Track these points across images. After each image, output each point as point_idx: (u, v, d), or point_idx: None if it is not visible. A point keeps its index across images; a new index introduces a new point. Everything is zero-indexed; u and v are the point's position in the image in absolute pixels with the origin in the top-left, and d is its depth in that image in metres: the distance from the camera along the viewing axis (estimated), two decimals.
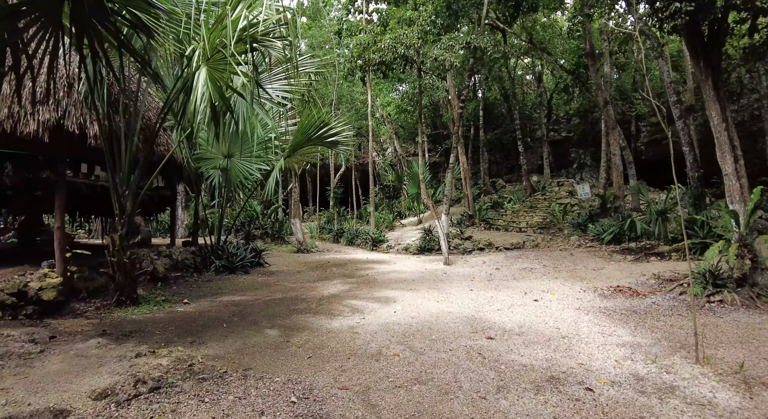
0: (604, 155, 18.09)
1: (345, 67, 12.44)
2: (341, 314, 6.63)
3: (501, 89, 29.96)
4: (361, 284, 9.18)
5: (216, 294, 8.40)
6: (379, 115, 31.72)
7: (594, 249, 13.43)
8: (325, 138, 10.34)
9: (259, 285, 9.37)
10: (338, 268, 11.61)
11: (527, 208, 20.27)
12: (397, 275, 10.25)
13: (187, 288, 9.03)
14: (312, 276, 10.51)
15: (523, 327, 5.96)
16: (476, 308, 6.95)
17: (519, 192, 24.58)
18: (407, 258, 13.82)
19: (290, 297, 7.99)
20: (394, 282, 9.25)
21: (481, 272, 10.35)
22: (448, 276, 9.88)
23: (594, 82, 16.01)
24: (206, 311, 7.03)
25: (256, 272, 11.13)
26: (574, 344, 5.24)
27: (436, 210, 11.71)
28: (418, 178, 22.03)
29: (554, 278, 9.44)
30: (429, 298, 7.68)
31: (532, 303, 7.24)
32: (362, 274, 10.49)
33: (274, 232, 17.26)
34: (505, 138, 29.57)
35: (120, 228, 7.01)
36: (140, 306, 7.16)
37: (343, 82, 26.79)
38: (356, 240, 18.79)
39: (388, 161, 32.74)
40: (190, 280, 9.97)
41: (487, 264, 11.42)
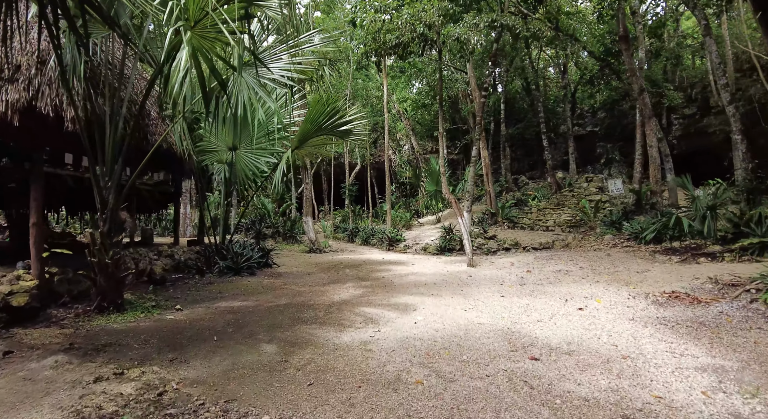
0: (639, 147, 16.79)
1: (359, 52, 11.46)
2: (352, 325, 5.66)
3: (523, 82, 28.69)
4: (377, 288, 8.20)
5: (214, 299, 7.51)
6: (395, 111, 30.75)
7: (632, 249, 12.22)
8: (336, 127, 9.41)
9: (263, 288, 8.46)
10: (352, 270, 10.66)
11: (554, 205, 19.03)
12: (416, 278, 9.24)
13: (184, 292, 8.17)
14: (323, 278, 9.57)
15: (572, 343, 4.90)
16: (512, 319, 5.90)
17: (543, 189, 23.32)
18: (426, 258, 12.79)
19: (296, 303, 7.05)
20: (413, 287, 8.25)
21: (510, 275, 9.27)
22: (474, 280, 8.83)
23: (628, 68, 14.75)
24: (199, 319, 6.13)
25: (263, 273, 10.24)
26: (640, 367, 4.18)
27: (458, 207, 10.67)
28: (436, 174, 20.99)
29: (595, 282, 8.31)
30: (454, 306, 6.66)
31: (577, 313, 6.16)
32: (377, 277, 9.52)
33: (285, 231, 16.41)
34: (528, 133, 28.28)
35: (102, 224, 6.16)
36: (125, 313, 6.29)
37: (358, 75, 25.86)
38: (372, 240, 17.83)
39: (404, 158, 31.72)
40: (189, 283, 9.12)
41: (516, 266, 10.33)
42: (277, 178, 9.35)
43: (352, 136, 9.79)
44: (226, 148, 10.60)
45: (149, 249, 10.14)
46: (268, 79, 7.08)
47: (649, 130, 14.39)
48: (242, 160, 10.55)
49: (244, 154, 10.62)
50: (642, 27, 16.02)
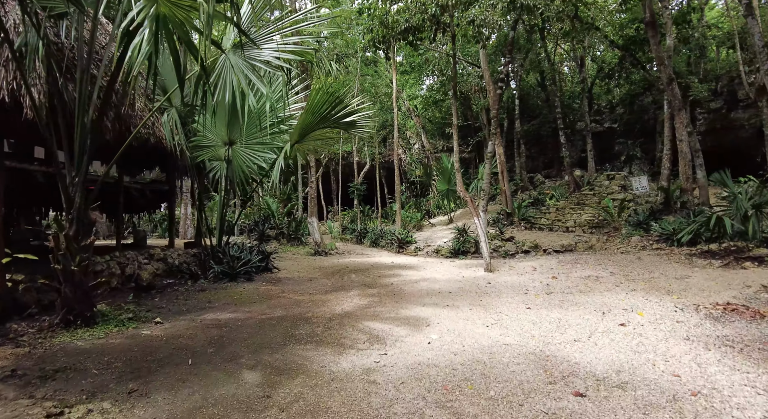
0: (667, 142, 15.70)
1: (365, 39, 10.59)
2: (354, 345, 4.77)
3: (538, 77, 27.61)
4: (384, 297, 7.30)
5: (201, 310, 6.68)
6: (405, 108, 29.85)
7: (663, 251, 11.18)
8: (340, 118, 8.54)
9: (258, 296, 7.61)
10: (358, 275, 9.78)
11: (573, 204, 17.99)
12: (429, 285, 8.33)
13: (171, 301, 7.35)
14: (325, 285, 8.70)
15: (623, 371, 3.97)
16: (543, 337, 4.97)
17: (561, 188, 22.26)
18: (439, 262, 11.86)
19: (292, 315, 6.18)
20: (426, 295, 7.34)
21: (534, 281, 8.32)
22: (494, 288, 7.90)
23: (655, 56, 13.70)
24: (178, 336, 5.30)
25: (261, 279, 9.41)
26: (719, 409, 3.25)
27: (474, 206, 9.75)
28: (449, 172, 20.05)
29: (631, 290, 7.34)
30: (474, 320, 5.74)
31: (619, 330, 5.22)
32: (386, 283, 8.62)
33: (290, 232, 15.60)
34: (544, 129, 27.18)
35: (68, 225, 5.35)
36: (95, 328, 5.49)
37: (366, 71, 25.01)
38: (381, 241, 16.95)
39: (414, 157, 30.81)
40: (180, 289, 8.32)
41: (538, 272, 9.37)
42: (275, 175, 8.52)
43: (357, 129, 8.91)
44: (221, 143, 9.79)
45: (139, 253, 9.36)
46: (260, 61, 6.24)
47: (678, 123, 13.32)
48: (239, 156, 9.73)
49: (242, 149, 9.80)
50: (669, 13, 14.94)
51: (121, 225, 8.90)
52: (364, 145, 32.70)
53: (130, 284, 8.41)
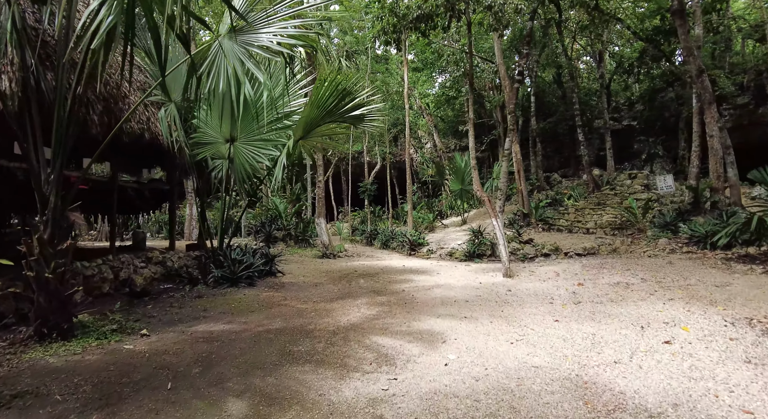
0: (696, 138, 14.85)
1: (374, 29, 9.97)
2: (360, 366, 4.15)
3: (554, 73, 26.75)
4: (395, 306, 6.66)
5: (194, 320, 6.10)
6: (417, 107, 29.20)
7: (695, 255, 10.38)
8: (347, 111, 7.94)
9: (258, 304, 7.02)
10: (367, 280, 9.15)
11: (593, 205, 17.18)
12: (444, 292, 7.67)
13: (164, 308, 6.80)
14: (331, 291, 8.08)
15: (680, 405, 3.31)
16: (578, 358, 4.30)
17: (579, 187, 21.42)
18: (453, 266, 11.18)
19: (292, 327, 5.58)
20: (441, 305, 6.68)
21: (558, 289, 7.62)
22: (515, 296, 7.21)
23: (683, 47, 12.86)
24: (162, 351, 4.72)
25: (264, 284, 8.83)
26: None
27: (493, 206, 9.07)
28: (462, 171, 19.36)
29: (668, 300, 6.61)
30: (496, 335, 5.08)
31: (665, 349, 4.52)
32: (397, 290, 7.98)
33: (297, 234, 15.04)
34: (560, 127, 26.32)
35: (42, 228, 4.81)
36: (73, 341, 4.94)
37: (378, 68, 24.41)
38: (391, 243, 16.31)
39: (427, 156, 30.14)
40: (176, 295, 7.77)
41: (562, 278, 8.66)
42: (278, 173, 7.94)
43: (366, 123, 8.29)
44: (222, 140, 9.25)
45: (135, 256, 8.85)
46: (258, 46, 5.65)
47: (709, 118, 12.49)
48: (241, 153, 9.17)
49: (244, 146, 9.24)
50: (698, 1, 14.09)
51: (114, 226, 8.40)
52: (374, 145, 32.12)
53: (123, 289, 7.90)
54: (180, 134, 8.44)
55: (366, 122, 8.24)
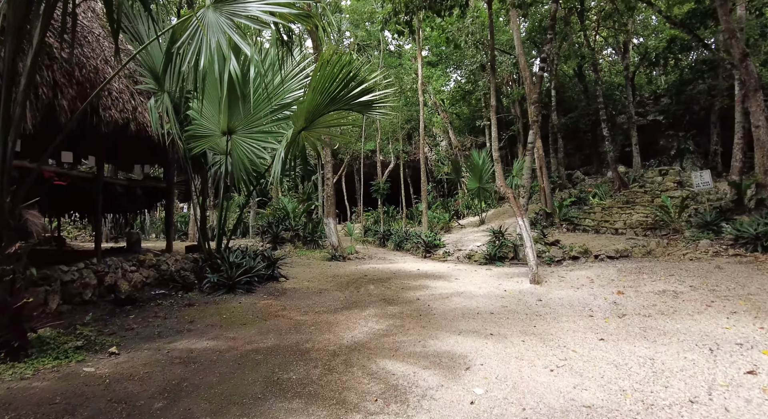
0: (739, 129, 13.65)
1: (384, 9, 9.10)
2: (361, 404, 3.27)
3: (575, 67, 25.54)
4: (408, 319, 5.76)
5: (177, 334, 5.29)
6: (431, 103, 28.24)
7: (745, 258, 9.29)
8: (354, 97, 7.06)
9: (253, 315, 6.19)
10: (377, 286, 8.26)
11: (621, 203, 16.04)
12: (464, 302, 6.74)
13: (146, 319, 6.01)
14: (337, 299, 7.20)
15: None
16: (640, 394, 3.36)
17: (604, 185, 20.24)
18: (473, 270, 10.22)
19: (286, 346, 4.72)
20: (462, 318, 5.76)
21: (595, 298, 6.64)
22: (548, 307, 6.26)
23: (725, 29, 11.69)
24: (127, 376, 3.91)
25: (264, 290, 8.00)
26: None
27: (518, 205, 8.11)
28: (480, 169, 18.37)
29: (731, 313, 5.59)
30: (532, 359, 4.15)
31: (750, 382, 3.56)
32: (410, 298, 7.07)
33: (306, 235, 14.24)
34: (582, 122, 25.12)
35: None
36: (26, 362, 4.16)
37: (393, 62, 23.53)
38: (405, 245, 15.41)
39: (442, 154, 29.15)
40: (164, 303, 6.99)
41: (597, 284, 7.66)
42: (276, 168, 7.10)
43: (375, 110, 7.41)
44: (219, 132, 8.47)
45: (125, 259, 8.11)
46: (245, 17, 4.83)
47: (755, 107, 11.32)
48: (240, 147, 8.38)
49: (243, 139, 8.45)
50: None
51: (99, 226, 7.66)
52: (387, 143, 31.26)
53: (109, 296, 7.15)
54: (173, 126, 7.68)
55: (376, 109, 7.36)
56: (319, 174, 20.93)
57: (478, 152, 19.50)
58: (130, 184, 8.56)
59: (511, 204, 8.21)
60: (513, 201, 8.12)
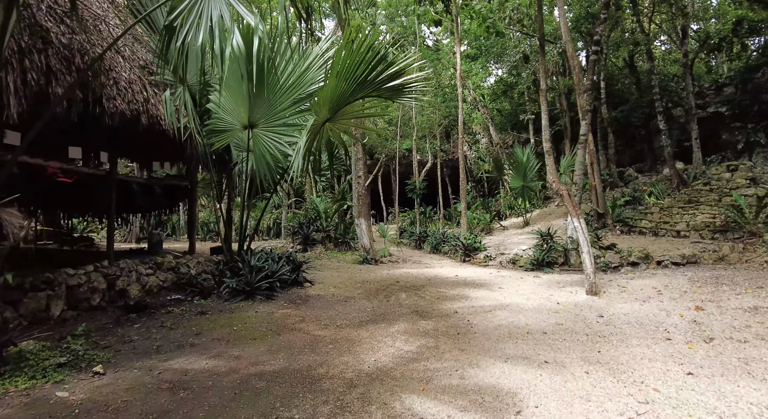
0: None
1: None
2: None
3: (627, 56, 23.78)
4: (443, 338, 4.88)
5: (176, 350, 4.64)
6: (471, 98, 27.08)
7: None
8: (382, 82, 6.25)
9: (267, 327, 5.48)
10: (410, 295, 7.40)
11: (683, 203, 14.50)
12: (510, 316, 5.78)
13: (149, 330, 5.41)
14: (363, 309, 6.39)
15: None
16: None
17: (660, 183, 18.60)
18: (518, 277, 9.18)
19: (295, 370, 3.96)
20: (508, 338, 4.83)
21: (668, 315, 5.54)
22: (612, 325, 5.23)
23: None
24: (101, 405, 3.26)
25: (286, 297, 7.31)
26: None
27: (573, 203, 7.05)
28: (524, 166, 17.18)
29: None
30: (601, 403, 3.20)
31: None
32: (447, 311, 6.17)
33: (338, 236, 13.56)
34: (634, 116, 23.34)
35: None
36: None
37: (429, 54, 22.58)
38: (443, 247, 14.47)
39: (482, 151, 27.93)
40: (176, 311, 6.41)
41: (668, 297, 6.51)
42: (297, 163, 6.37)
43: (406, 96, 6.57)
44: (240, 126, 7.86)
45: (142, 261, 7.63)
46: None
47: None
48: (261, 141, 7.74)
49: (265, 133, 7.81)
50: None
51: (112, 226, 7.20)
52: (425, 142, 30.31)
53: (120, 301, 6.66)
54: (191, 121, 7.14)
55: (407, 95, 6.52)
56: (353, 173, 20.29)
57: (522, 148, 18.28)
58: (147, 182, 8.09)
59: (566, 203, 7.15)
60: (568, 199, 7.06)
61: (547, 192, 19.58)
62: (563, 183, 19.27)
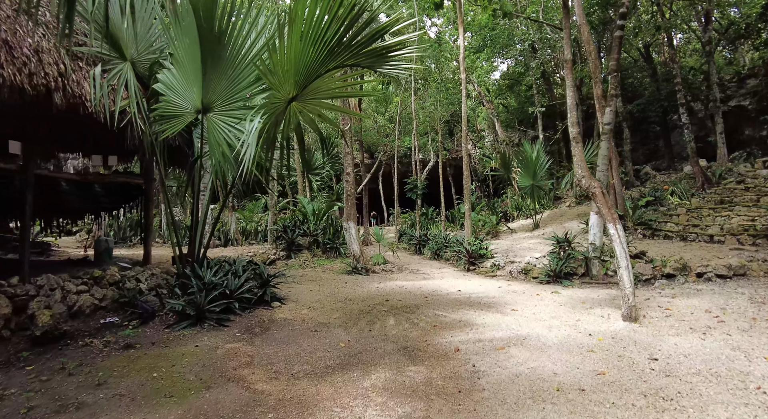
0: None
1: None
2: None
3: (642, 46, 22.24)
4: (437, 402, 3.38)
5: (50, 415, 3.19)
6: (476, 93, 25.58)
7: None
8: (361, 45, 4.78)
9: (196, 375, 4.00)
10: (399, 320, 5.90)
11: (713, 204, 12.99)
12: (530, 359, 4.26)
13: (39, 377, 3.96)
14: (335, 345, 4.87)
15: None
16: None
17: (682, 182, 17.03)
18: (533, 292, 7.65)
19: None
20: (530, 400, 3.32)
21: (749, 360, 4.02)
22: (674, 376, 3.72)
23: None
24: None
25: (243, 323, 5.84)
26: None
27: (608, 204, 5.52)
28: (533, 163, 15.67)
29: None
30: None
31: None
32: (445, 349, 4.65)
33: (326, 241, 12.08)
34: (651, 110, 21.80)
35: None
36: None
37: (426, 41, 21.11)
38: (445, 253, 12.98)
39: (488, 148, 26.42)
40: (95, 343, 4.96)
41: (734, 326, 4.99)
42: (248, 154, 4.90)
43: (393, 63, 5.09)
44: (193, 109, 6.41)
45: (73, 275, 6.20)
46: None
47: None
48: (217, 127, 6.28)
49: (221, 117, 6.36)
50: None
51: (26, 232, 5.76)
52: (427, 139, 28.82)
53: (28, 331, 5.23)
54: (132, 104, 5.72)
55: (394, 62, 5.04)
56: (344, 169, 18.79)
57: (531, 144, 16.76)
58: (82, 179, 6.64)
59: (598, 204, 5.62)
60: (602, 199, 5.53)
61: (557, 191, 18.03)
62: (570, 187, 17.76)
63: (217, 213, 8.85)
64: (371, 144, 31.02)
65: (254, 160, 4.98)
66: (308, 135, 27.81)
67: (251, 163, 4.93)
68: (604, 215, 5.38)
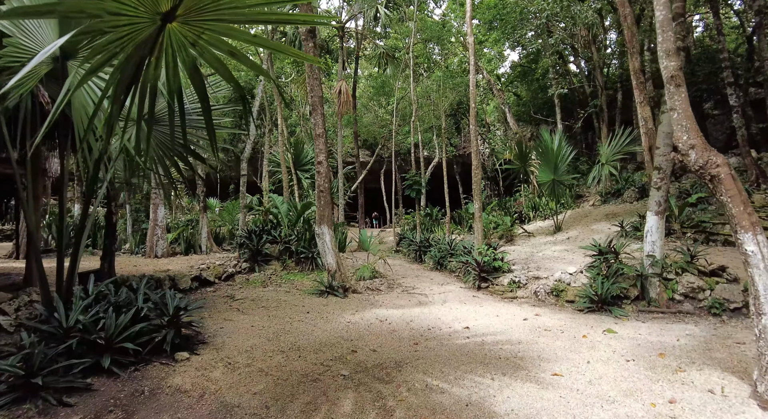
0: None
1: None
2: None
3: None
4: None
5: None
6: (485, 82, 23.17)
7: None
8: None
9: None
10: (362, 400, 3.52)
11: None
12: None
13: None
14: None
15: None
16: None
17: None
18: (576, 332, 5.21)
19: None
20: None
21: None
22: None
23: None
24: None
25: (100, 400, 3.51)
26: None
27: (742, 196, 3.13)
28: (554, 155, 13.23)
29: None
30: None
31: None
32: None
33: (300, 250, 9.73)
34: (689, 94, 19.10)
35: None
36: None
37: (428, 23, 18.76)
38: (449, 263, 10.60)
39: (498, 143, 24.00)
40: None
41: None
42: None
43: None
44: (49, 57, 4.13)
45: None
46: None
47: None
48: (84, 85, 4.00)
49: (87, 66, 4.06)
50: None
51: None
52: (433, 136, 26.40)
53: None
54: None
55: None
56: (313, 152, 16.36)
57: (551, 133, 14.30)
58: None
59: (725, 194, 3.12)
60: (732, 186, 2.91)
61: (589, 186, 15.51)
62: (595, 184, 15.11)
63: (60, 212, 6.49)
64: (364, 139, 28.89)
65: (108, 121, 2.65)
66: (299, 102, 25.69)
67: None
68: (737, 219, 3.00)
